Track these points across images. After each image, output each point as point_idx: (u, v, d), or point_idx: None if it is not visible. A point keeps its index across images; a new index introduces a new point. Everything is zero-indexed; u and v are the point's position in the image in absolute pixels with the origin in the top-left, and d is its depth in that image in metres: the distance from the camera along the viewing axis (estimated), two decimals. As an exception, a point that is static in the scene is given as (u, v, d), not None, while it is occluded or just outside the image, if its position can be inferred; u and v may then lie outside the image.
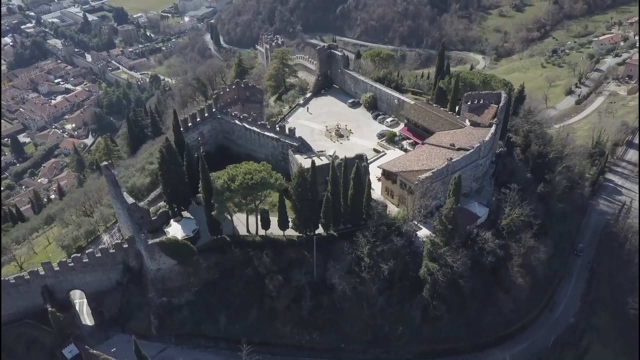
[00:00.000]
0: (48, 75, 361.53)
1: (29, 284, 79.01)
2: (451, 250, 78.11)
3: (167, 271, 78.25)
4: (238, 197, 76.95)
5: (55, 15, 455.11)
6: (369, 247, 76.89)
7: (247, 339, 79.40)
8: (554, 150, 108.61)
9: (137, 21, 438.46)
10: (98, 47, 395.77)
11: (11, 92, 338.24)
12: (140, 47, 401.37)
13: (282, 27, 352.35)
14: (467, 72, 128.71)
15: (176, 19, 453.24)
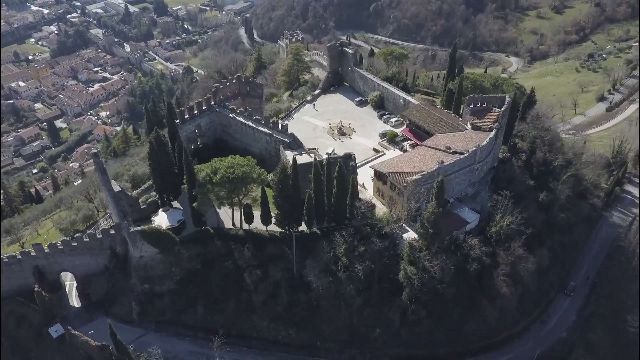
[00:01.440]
0: (88, 63, 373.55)
1: (21, 264, 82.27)
2: (430, 254, 76.79)
3: (149, 259, 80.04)
4: (221, 190, 77.83)
5: (99, 5, 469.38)
6: (345, 246, 76.35)
7: (225, 331, 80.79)
8: (558, 158, 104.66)
9: (176, 13, 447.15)
10: (137, 38, 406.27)
11: (52, 79, 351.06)
12: (177, 39, 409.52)
13: (314, 23, 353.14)
14: (478, 74, 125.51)
15: (214, 12, 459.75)
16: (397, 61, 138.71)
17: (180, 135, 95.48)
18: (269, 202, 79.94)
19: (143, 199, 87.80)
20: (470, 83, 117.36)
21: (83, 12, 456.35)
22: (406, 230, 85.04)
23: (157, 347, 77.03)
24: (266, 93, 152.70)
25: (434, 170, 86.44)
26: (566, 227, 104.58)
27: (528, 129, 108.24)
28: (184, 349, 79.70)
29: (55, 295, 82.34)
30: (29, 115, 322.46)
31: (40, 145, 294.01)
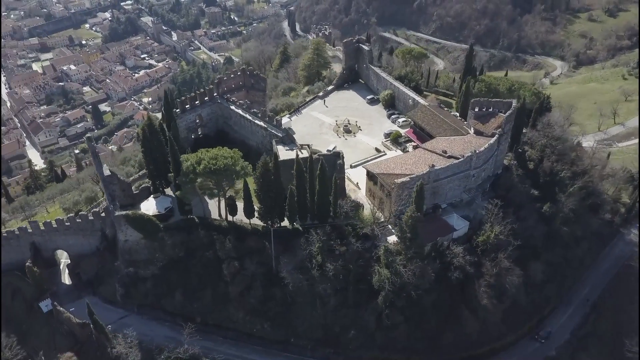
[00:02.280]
0: (136, 50, 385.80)
1: (19, 239, 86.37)
2: (405, 259, 75.35)
3: (134, 243, 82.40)
4: (205, 180, 79.02)
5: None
6: (319, 245, 76.00)
7: (202, 319, 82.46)
8: (564, 169, 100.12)
9: (225, 4, 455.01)
10: (184, 27, 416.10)
11: (101, 64, 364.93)
12: (223, 29, 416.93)
13: (356, 19, 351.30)
14: (494, 77, 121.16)
15: (261, 4, 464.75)
16: (416, 60, 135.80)
17: (180, 124, 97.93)
18: (251, 195, 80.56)
19: (137, 184, 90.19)
20: (485, 86, 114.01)
21: (137, 0, 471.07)
22: (392, 233, 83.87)
23: (135, 330, 79.41)
24: (284, 87, 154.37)
25: (424, 174, 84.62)
26: (572, 242, 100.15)
27: (538, 137, 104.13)
28: (161, 334, 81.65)
29: (46, 271, 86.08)
30: (77, 98, 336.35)
31: (84, 127, 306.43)
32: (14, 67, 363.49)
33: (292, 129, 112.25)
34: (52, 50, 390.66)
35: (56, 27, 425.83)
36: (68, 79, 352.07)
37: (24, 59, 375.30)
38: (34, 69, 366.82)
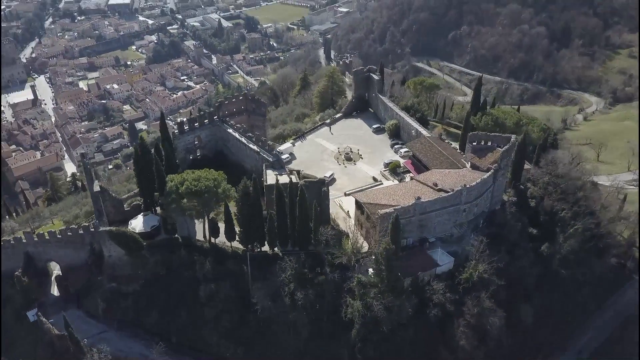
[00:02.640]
0: (176, 72, 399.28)
1: (14, 249, 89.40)
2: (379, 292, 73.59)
3: (117, 259, 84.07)
4: (188, 201, 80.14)
5: (197, 19, 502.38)
6: (291, 272, 75.37)
7: (177, 339, 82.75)
8: (565, 208, 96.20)
9: (265, 31, 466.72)
10: (224, 51, 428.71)
11: (142, 84, 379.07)
12: (261, 54, 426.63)
13: (391, 48, 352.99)
14: (502, 110, 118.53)
15: (301, 31, 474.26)
16: (427, 91, 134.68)
17: (179, 145, 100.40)
18: (232, 219, 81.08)
19: (129, 202, 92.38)
20: (491, 120, 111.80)
21: (182, 25, 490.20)
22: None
23: (112, 345, 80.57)
24: (298, 113, 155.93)
25: (409, 206, 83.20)
26: (572, 286, 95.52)
27: (541, 174, 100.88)
28: (136, 351, 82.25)
29: (34, 281, 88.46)
30: (117, 115, 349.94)
31: (120, 143, 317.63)
32: (62, 84, 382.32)
33: (293, 154, 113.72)
34: (99, 70, 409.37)
35: (105, 48, 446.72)
36: (110, 97, 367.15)
37: (72, 77, 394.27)
38: (80, 86, 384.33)
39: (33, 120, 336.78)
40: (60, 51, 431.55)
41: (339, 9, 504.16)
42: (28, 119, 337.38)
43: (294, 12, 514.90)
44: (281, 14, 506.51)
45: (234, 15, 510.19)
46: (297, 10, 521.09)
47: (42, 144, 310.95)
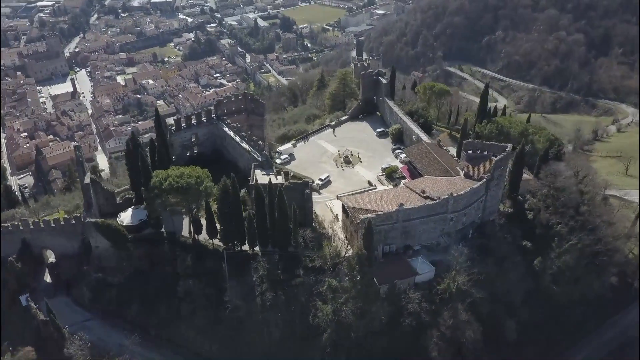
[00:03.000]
0: (210, 69, 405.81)
1: (12, 235, 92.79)
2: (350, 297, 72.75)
3: (104, 250, 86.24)
4: (171, 197, 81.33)
5: (235, 18, 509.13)
6: (263, 273, 75.42)
7: (156, 332, 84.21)
8: (560, 222, 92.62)
9: (300, 31, 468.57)
10: (259, 50, 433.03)
11: (177, 80, 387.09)
12: (295, 54, 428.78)
13: (422, 52, 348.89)
14: (507, 119, 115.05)
15: (336, 32, 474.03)
16: (438, 97, 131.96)
17: (175, 142, 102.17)
18: (213, 216, 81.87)
19: (122, 195, 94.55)
20: (496, 128, 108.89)
21: (220, 23, 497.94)
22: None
23: (94, 334, 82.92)
24: (309, 114, 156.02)
25: (392, 212, 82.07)
26: (566, 303, 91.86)
27: (540, 186, 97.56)
28: (117, 341, 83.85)
29: (28, 267, 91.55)
30: (150, 110, 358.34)
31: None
32: (101, 78, 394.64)
33: (293, 155, 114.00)
34: (137, 65, 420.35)
35: (145, 44, 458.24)
36: (145, 92, 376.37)
37: (111, 72, 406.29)
38: (118, 80, 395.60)
39: (71, 111, 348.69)
40: (102, 46, 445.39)
41: (376, 11, 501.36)
42: (66, 110, 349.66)
43: (331, 13, 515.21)
44: (318, 15, 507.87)
45: (271, 15, 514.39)
46: (334, 11, 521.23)
47: (78, 135, 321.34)
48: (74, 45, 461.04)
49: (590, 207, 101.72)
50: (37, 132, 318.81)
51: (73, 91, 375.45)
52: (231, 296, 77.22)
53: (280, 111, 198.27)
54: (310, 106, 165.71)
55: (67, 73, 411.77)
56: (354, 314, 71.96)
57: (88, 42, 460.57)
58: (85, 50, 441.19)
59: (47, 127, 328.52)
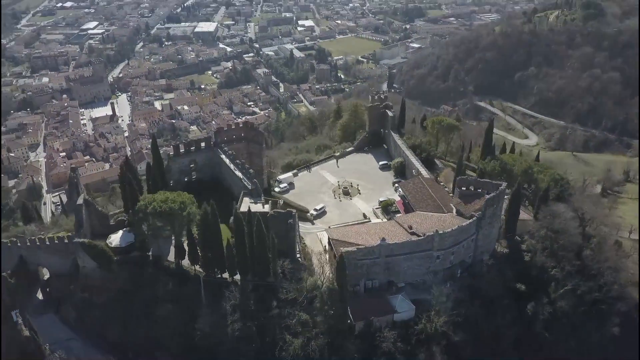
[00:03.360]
0: (244, 97, 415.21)
1: (10, 250, 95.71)
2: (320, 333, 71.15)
3: (90, 270, 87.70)
4: (155, 221, 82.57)
5: (272, 48, 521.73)
6: (233, 302, 74.89)
7: (134, 355, 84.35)
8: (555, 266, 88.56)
9: (335, 62, 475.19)
10: (293, 80, 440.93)
11: (211, 107, 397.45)
12: (327, 85, 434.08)
13: (453, 86, 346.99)
14: (510, 156, 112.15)
15: (370, 64, 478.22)
16: (446, 132, 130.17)
17: (174, 167, 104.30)
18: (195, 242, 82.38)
19: (115, 217, 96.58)
20: (499, 165, 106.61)
21: (257, 53, 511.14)
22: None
23: (72, 353, 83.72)
24: (320, 144, 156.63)
25: (374, 247, 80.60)
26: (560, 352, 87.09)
27: (538, 227, 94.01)
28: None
29: (20, 283, 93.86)
30: (183, 135, 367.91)
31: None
32: (140, 102, 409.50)
33: (292, 184, 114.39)
34: (175, 91, 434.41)
35: (184, 72, 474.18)
36: (180, 117, 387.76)
37: (150, 97, 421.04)
38: (155, 105, 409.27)
39: (108, 134, 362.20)
40: (144, 72, 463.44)
41: (411, 45, 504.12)
42: (104, 132, 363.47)
43: (367, 45, 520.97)
44: (354, 47, 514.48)
45: (308, 46, 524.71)
46: (370, 44, 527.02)
47: (112, 156, 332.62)
48: (118, 71, 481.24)
49: (595, 251, 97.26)
50: (75, 152, 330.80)
51: (112, 114, 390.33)
52: (202, 323, 76.82)
53: (299, 140, 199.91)
54: (325, 136, 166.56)
55: (109, 97, 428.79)
56: (322, 349, 70.17)
57: (131, 68, 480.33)
58: (127, 76, 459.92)
59: (85, 148, 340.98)
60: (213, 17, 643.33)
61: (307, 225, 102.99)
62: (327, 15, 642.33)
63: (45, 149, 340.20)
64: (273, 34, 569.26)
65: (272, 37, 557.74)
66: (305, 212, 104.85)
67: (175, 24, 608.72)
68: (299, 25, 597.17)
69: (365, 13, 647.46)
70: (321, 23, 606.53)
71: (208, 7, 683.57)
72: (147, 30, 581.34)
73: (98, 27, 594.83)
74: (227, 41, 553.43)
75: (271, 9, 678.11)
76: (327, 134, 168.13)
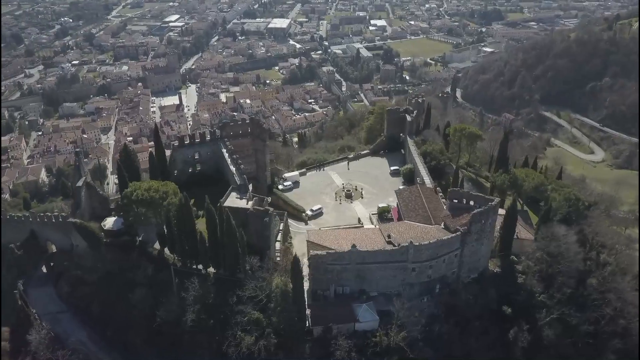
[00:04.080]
0: (306, 94, 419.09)
1: (23, 224, 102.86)
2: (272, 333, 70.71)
3: (82, 249, 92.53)
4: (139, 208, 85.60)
5: (341, 47, 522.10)
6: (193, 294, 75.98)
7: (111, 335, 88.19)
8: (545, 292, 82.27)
9: (402, 63, 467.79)
10: (355, 79, 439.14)
11: (272, 102, 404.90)
12: (391, 86, 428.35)
13: (518, 93, 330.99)
14: (523, 170, 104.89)
15: (438, 67, 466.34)
16: (469, 140, 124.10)
17: (177, 157, 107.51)
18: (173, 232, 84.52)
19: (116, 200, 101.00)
20: (510, 180, 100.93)
21: (325, 51, 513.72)
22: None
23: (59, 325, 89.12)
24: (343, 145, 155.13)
25: (344, 252, 78.90)
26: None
27: (535, 249, 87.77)
28: (79, 336, 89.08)
29: (26, 255, 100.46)
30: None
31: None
32: (206, 94, 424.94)
33: (298, 183, 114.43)
34: (240, 85, 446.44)
35: (252, 66, 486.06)
36: (242, 110, 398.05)
37: (216, 89, 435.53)
38: (220, 98, 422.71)
39: (172, 122, 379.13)
40: (214, 65, 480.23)
41: (484, 49, 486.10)
42: (169, 120, 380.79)
43: (437, 47, 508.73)
44: (423, 49, 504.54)
45: (376, 46, 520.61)
46: (441, 46, 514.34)
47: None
48: (191, 62, 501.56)
49: (606, 280, 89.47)
50: (141, 137, 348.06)
51: (178, 104, 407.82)
52: (162, 311, 78.74)
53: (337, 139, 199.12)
54: (353, 138, 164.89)
55: (180, 87, 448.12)
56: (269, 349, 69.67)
57: (203, 60, 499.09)
58: (199, 67, 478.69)
59: (150, 134, 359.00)
60: (288, 14, 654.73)
61: (301, 225, 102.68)
62: (401, 15, 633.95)
63: (115, 133, 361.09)
64: (344, 32, 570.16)
65: (342, 36, 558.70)
66: (301, 212, 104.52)
67: (250, 20, 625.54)
68: (370, 24, 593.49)
69: (441, 14, 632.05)
70: (394, 23, 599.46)
71: (284, 4, 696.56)
72: (224, 24, 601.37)
73: (179, 20, 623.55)
74: (297, 38, 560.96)
75: (346, 7, 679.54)
76: (356, 135, 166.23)
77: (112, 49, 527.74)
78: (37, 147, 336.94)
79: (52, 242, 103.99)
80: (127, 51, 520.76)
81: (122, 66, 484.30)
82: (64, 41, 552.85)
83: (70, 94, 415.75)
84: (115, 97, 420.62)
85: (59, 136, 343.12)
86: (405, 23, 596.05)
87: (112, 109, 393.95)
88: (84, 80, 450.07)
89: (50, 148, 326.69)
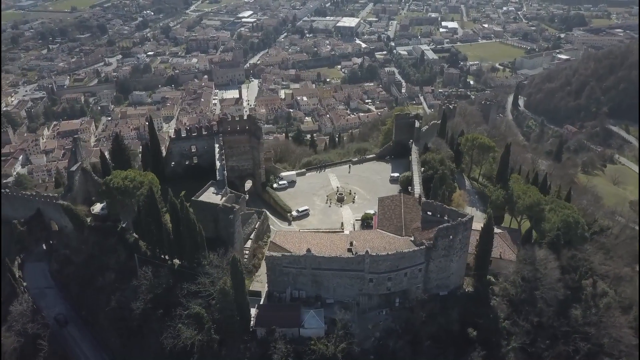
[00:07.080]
0: (364, 94, 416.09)
1: (30, 202, 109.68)
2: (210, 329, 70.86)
3: (70, 231, 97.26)
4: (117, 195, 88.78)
5: (407, 48, 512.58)
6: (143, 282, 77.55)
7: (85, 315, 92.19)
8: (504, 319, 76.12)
9: (468, 67, 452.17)
10: (417, 82, 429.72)
11: (328, 101, 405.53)
12: (452, 90, 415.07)
13: (585, 105, 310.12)
14: (522, 186, 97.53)
15: (506, 72, 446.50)
16: (482, 151, 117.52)
17: (174, 149, 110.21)
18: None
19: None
20: (504, 195, 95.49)
21: (390, 52, 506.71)
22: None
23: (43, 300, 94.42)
24: (358, 147, 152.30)
25: (300, 256, 77.74)
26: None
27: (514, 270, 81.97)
28: (56, 311, 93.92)
29: (25, 230, 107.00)
30: (296, 124, 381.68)
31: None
32: (266, 89, 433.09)
33: (293, 182, 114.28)
34: (301, 82, 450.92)
35: (315, 64, 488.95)
36: (298, 107, 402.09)
37: (276, 85, 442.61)
38: (279, 94, 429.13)
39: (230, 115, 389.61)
40: (278, 61, 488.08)
41: (559, 55, 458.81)
42: (227, 113, 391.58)
43: (509, 52, 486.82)
44: (493, 53, 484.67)
45: (444, 48, 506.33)
46: (512, 51, 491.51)
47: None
48: (257, 58, 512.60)
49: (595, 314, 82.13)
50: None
51: (238, 97, 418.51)
52: (120, 297, 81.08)
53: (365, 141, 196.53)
54: (372, 141, 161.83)
55: (243, 81, 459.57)
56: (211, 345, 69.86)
57: (269, 56, 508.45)
58: (263, 63, 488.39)
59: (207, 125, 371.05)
60: (359, 13, 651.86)
61: (284, 225, 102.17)
62: (476, 17, 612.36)
63: (176, 122, 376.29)
64: (413, 33, 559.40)
65: (410, 37, 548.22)
66: (286, 212, 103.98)
67: (320, 17, 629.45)
68: (441, 26, 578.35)
69: (518, 18, 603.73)
70: (466, 25, 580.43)
71: (356, 3, 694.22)
72: (294, 21, 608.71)
73: (252, 16, 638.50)
74: (364, 37, 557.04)
75: (418, 8, 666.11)
76: (375, 137, 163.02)
77: (186, 42, 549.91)
78: (104, 131, 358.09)
79: (55, 222, 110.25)
80: (198, 44, 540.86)
81: (192, 59, 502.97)
82: (143, 33, 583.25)
83: (140, 83, 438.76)
84: (182, 88, 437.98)
85: (125, 122, 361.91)
86: (478, 26, 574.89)
87: (176, 99, 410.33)
88: (155, 70, 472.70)
89: (114, 133, 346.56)
